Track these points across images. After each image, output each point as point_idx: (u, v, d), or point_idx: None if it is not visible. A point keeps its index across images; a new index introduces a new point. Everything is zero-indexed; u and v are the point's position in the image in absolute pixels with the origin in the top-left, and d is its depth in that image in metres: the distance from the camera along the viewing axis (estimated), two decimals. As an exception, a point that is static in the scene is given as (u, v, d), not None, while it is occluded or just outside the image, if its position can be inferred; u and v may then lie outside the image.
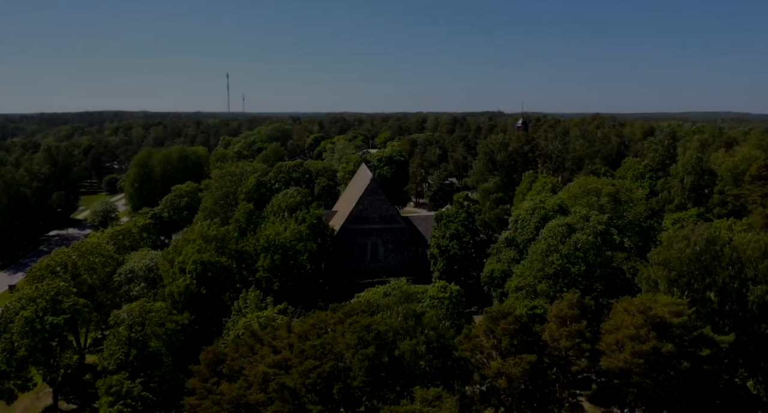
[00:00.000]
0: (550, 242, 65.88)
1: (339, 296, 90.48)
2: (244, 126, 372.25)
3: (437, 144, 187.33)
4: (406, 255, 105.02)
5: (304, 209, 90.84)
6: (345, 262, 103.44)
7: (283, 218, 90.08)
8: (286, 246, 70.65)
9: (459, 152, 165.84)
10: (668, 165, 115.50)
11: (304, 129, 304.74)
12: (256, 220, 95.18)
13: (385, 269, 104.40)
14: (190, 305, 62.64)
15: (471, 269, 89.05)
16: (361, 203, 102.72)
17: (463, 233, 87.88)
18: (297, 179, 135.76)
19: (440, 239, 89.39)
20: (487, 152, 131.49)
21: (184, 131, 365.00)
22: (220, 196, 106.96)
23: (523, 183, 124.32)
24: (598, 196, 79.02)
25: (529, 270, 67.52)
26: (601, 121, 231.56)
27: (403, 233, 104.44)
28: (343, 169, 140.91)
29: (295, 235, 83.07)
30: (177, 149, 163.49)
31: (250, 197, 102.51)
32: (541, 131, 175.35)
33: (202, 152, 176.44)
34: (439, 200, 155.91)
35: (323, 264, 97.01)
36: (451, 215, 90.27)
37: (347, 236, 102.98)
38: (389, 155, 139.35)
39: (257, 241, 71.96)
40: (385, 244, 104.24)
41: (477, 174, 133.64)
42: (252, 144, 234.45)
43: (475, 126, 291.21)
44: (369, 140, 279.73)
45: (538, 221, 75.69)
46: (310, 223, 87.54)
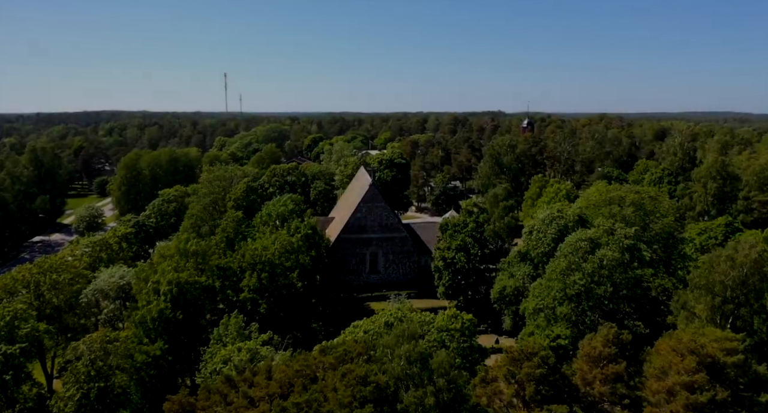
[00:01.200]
0: (572, 259, 58.33)
1: (335, 315, 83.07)
2: (242, 126, 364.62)
3: (439, 146, 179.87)
4: (407, 266, 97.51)
5: (297, 218, 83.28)
6: (342, 274, 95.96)
7: (275, 229, 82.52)
8: (273, 263, 63.02)
9: (463, 154, 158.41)
10: (687, 169, 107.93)
11: (302, 129, 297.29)
12: (245, 230, 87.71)
13: (385, 281, 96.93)
14: (164, 333, 55.07)
15: (479, 284, 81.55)
16: (359, 211, 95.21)
17: (471, 244, 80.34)
18: (292, 183, 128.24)
19: (445, 251, 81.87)
20: (494, 154, 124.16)
21: (180, 132, 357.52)
22: (207, 203, 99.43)
23: (532, 188, 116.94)
24: (621, 205, 71.42)
25: (548, 290, 59.99)
26: (608, 121, 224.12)
27: (405, 242, 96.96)
28: (341, 172, 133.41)
29: (286, 247, 75.57)
30: (167, 151, 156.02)
31: (240, 205, 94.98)
32: (548, 132, 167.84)
33: (193, 153, 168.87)
34: (441, 204, 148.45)
35: (318, 277, 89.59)
36: (457, 225, 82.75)
37: (344, 247, 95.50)
38: (389, 158, 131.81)
39: (242, 257, 64.32)
40: (386, 254, 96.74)
41: (483, 178, 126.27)
42: (248, 145, 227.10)
43: (477, 126, 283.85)
44: (369, 141, 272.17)
45: (555, 234, 68.17)
46: (304, 234, 79.99)
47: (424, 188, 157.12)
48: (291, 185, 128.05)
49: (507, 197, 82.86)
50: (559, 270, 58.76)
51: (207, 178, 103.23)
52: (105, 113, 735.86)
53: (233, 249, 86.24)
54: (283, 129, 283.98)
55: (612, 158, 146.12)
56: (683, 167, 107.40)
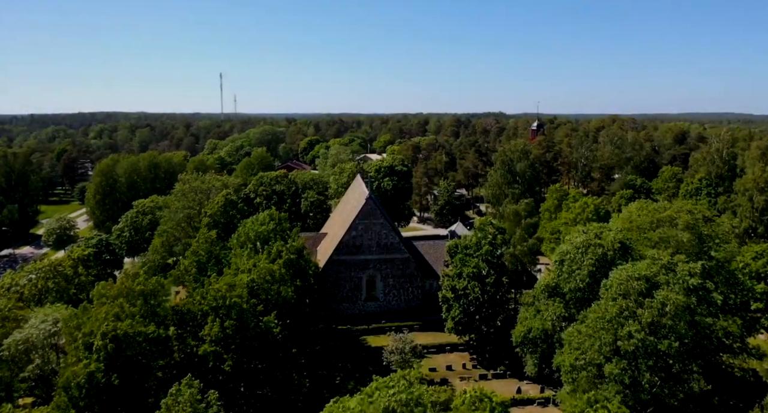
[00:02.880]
0: (623, 303, 45.46)
1: (326, 354, 70.18)
2: (237, 128, 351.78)
3: (443, 150, 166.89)
4: (410, 292, 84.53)
5: (279, 239, 70.36)
6: (335, 301, 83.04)
7: (253, 251, 69.62)
8: (241, 308, 49.98)
9: (469, 160, 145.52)
10: (727, 178, 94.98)
11: (298, 132, 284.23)
12: (221, 253, 74.83)
13: (384, 309, 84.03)
14: (95, 403, 42.19)
15: (495, 317, 68.72)
16: (354, 228, 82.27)
17: (487, 271, 67.42)
18: (281, 192, 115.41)
19: (455, 279, 68.94)
20: (505, 160, 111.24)
21: (172, 134, 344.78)
22: (182, 218, 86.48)
23: (549, 200, 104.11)
24: (672, 226, 58.52)
25: (591, 342, 47.12)
26: (621, 124, 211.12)
27: (408, 264, 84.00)
28: (336, 181, 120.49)
29: (265, 277, 62.73)
30: (146, 156, 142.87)
31: (216, 221, 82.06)
32: (561, 136, 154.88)
33: (177, 158, 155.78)
34: (446, 215, 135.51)
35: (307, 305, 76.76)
36: (469, 247, 69.81)
37: (337, 270, 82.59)
38: (389, 165, 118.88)
39: (202, 298, 51.29)
40: (385, 278, 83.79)
41: (494, 186, 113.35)
42: (239, 148, 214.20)
43: (481, 128, 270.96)
44: (368, 144, 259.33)
45: (593, 265, 55.24)
46: (287, 259, 67.06)
47: (426, 196, 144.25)
48: (279, 194, 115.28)
49: (530, 213, 69.73)
50: (607, 318, 45.88)
51: (181, 189, 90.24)
52: (100, 114, 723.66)
53: (207, 274, 73.59)
54: (277, 131, 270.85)
55: (632, 165, 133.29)
56: (721, 176, 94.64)
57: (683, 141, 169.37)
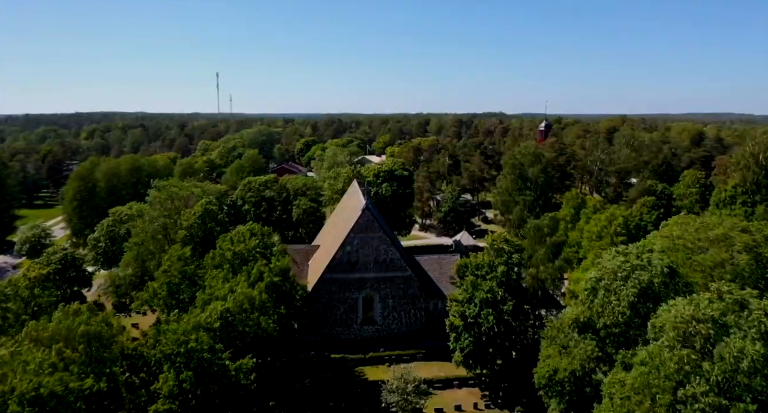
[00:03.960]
0: (685, 356, 35.87)
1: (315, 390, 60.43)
2: (233, 129, 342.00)
3: (446, 151, 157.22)
4: (413, 314, 74.96)
5: (261, 258, 60.79)
6: (327, 325, 73.54)
7: (230, 272, 60.05)
8: (202, 357, 40.35)
9: (475, 163, 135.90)
10: (764, 185, 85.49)
11: (295, 132, 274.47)
12: (196, 272, 65.21)
13: (383, 334, 74.53)
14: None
15: (512, 350, 59.27)
16: (349, 243, 72.72)
17: (502, 297, 57.88)
18: (270, 199, 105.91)
19: (466, 305, 59.39)
20: (516, 165, 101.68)
21: (166, 134, 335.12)
22: (157, 229, 76.84)
23: (564, 208, 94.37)
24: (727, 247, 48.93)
25: (640, 397, 37.54)
26: (631, 124, 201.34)
27: (409, 283, 74.46)
28: (330, 187, 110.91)
29: (242, 305, 53.29)
30: (128, 159, 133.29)
31: (193, 235, 72.46)
32: (572, 137, 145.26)
33: (162, 161, 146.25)
34: (450, 222, 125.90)
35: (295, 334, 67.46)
36: (481, 267, 60.28)
37: (330, 290, 73.07)
38: (389, 169, 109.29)
39: (156, 342, 41.64)
40: (384, 299, 74.23)
41: (503, 193, 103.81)
42: (232, 149, 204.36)
43: (484, 129, 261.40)
44: (366, 145, 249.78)
45: (636, 295, 45.66)
46: (269, 282, 57.55)
47: (429, 202, 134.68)
48: (269, 201, 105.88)
49: (552, 229, 60.07)
50: (663, 373, 36.28)
51: (156, 197, 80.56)
52: (97, 114, 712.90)
53: (179, 297, 64.11)
54: (273, 132, 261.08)
55: (650, 169, 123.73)
56: (757, 183, 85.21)
57: (700, 143, 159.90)
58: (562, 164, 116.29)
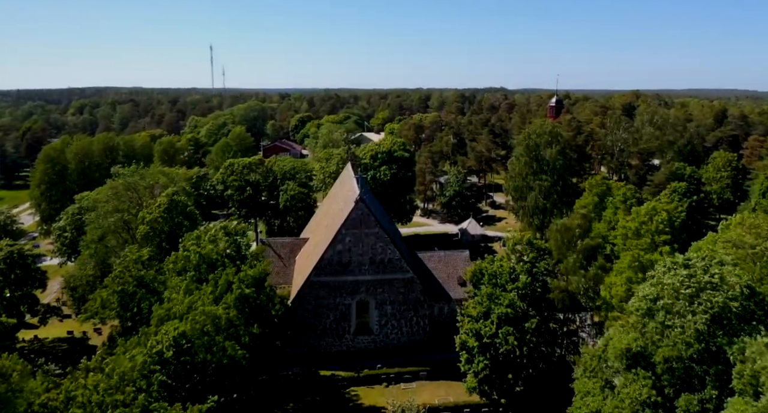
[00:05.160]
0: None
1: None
2: (227, 104, 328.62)
3: (450, 129, 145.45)
4: (414, 322, 64.36)
5: (231, 265, 49.93)
6: (314, 336, 62.99)
7: (195, 281, 49.21)
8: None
9: (482, 143, 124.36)
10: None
11: (289, 108, 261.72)
12: (157, 278, 54.39)
13: (380, 345, 64.06)
14: None
15: (537, 377, 48.72)
16: (339, 241, 61.77)
17: (524, 311, 47.21)
18: (255, 183, 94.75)
19: (480, 321, 48.67)
20: (531, 146, 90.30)
21: (157, 110, 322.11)
22: (114, 224, 65.86)
23: (587, 196, 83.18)
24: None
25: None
26: (645, 100, 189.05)
27: (411, 286, 63.71)
28: (322, 170, 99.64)
29: (203, 329, 42.67)
30: (101, 138, 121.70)
31: (157, 231, 61.51)
32: (588, 114, 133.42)
33: (140, 140, 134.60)
34: (455, 207, 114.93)
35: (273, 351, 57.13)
36: (499, 275, 49.45)
37: (318, 295, 62.37)
38: (388, 150, 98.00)
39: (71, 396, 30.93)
40: (381, 305, 63.56)
41: (516, 177, 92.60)
42: (222, 126, 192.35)
43: (488, 104, 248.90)
44: (364, 122, 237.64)
45: (705, 324, 34.97)
46: (240, 295, 46.77)
47: (431, 185, 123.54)
48: (254, 186, 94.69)
49: (585, 229, 49.01)
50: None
51: (113, 187, 69.33)
52: (90, 89, 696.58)
53: (134, 309, 53.47)
54: (265, 107, 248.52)
55: (674, 149, 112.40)
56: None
57: (722, 121, 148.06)
58: (580, 144, 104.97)
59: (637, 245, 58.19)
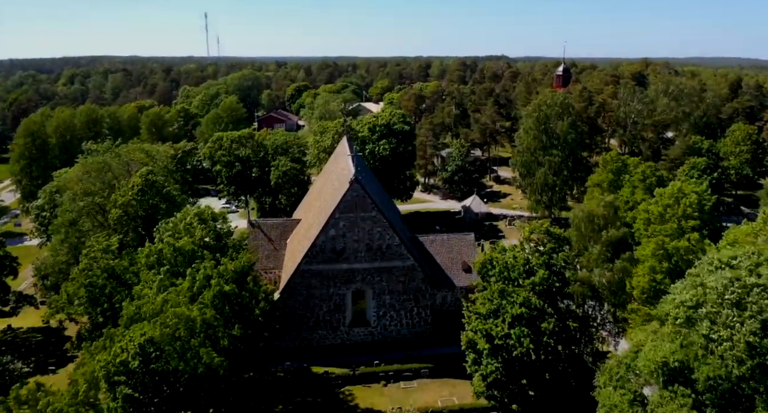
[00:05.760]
0: None
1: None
2: (222, 73, 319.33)
3: (452, 99, 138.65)
4: (416, 313, 59.11)
5: (210, 257, 44.28)
6: (306, 328, 57.81)
7: (167, 278, 43.65)
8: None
9: (487, 114, 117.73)
10: None
11: (285, 77, 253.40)
12: (130, 269, 48.88)
13: (378, 338, 58.97)
14: None
15: (554, 383, 43.52)
16: (333, 226, 56.09)
17: (540, 309, 41.81)
18: (245, 158, 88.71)
19: (491, 320, 43.26)
20: (540, 118, 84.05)
21: (150, 79, 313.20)
22: (87, 206, 60.04)
23: (601, 172, 77.55)
24: None
25: None
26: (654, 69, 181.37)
27: (412, 274, 58.28)
28: (316, 144, 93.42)
29: (174, 334, 37.42)
30: (84, 110, 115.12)
31: (132, 215, 55.78)
32: (598, 84, 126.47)
33: (127, 111, 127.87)
34: (458, 183, 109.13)
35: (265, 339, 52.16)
36: (512, 268, 43.87)
37: (310, 284, 56.96)
38: (386, 123, 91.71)
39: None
40: (379, 295, 58.22)
41: (524, 152, 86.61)
42: (215, 96, 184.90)
43: (490, 73, 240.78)
44: (363, 92, 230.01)
45: (755, 335, 29.63)
46: (219, 292, 41.30)
47: (433, 159, 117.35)
48: (244, 161, 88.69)
49: (612, 215, 43.00)
50: None
51: (84, 167, 63.26)
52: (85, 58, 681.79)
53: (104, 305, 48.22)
54: (260, 76, 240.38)
55: (690, 122, 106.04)
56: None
57: (737, 92, 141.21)
58: (592, 116, 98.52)
59: (662, 230, 52.68)
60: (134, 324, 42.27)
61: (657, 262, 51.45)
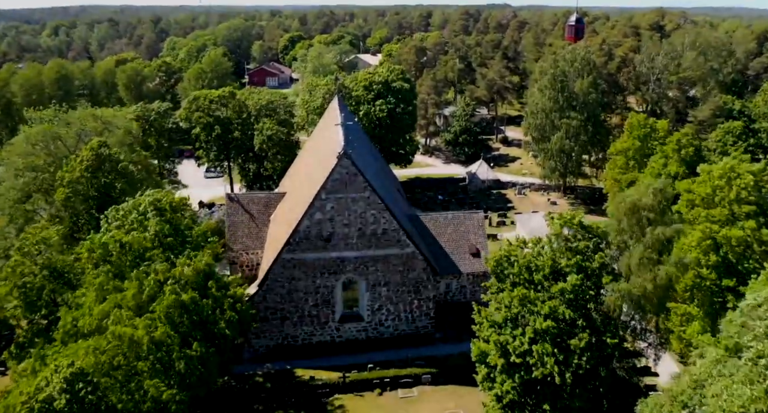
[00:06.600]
0: None
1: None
2: (213, 23, 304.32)
3: (456, 52, 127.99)
4: (416, 306, 51.36)
5: (161, 258, 36.06)
6: (289, 324, 50.12)
7: (110, 281, 35.54)
8: None
9: (494, 69, 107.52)
10: None
11: (278, 27, 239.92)
12: (73, 266, 40.76)
13: (373, 335, 51.41)
14: None
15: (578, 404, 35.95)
16: (319, 208, 47.67)
17: (570, 322, 33.95)
18: (225, 121, 79.54)
19: (508, 331, 35.43)
20: (557, 75, 74.61)
21: (138, 30, 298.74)
22: (31, 185, 51.49)
23: (626, 139, 68.97)
24: None
25: None
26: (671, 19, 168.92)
27: (412, 263, 50.21)
28: (305, 105, 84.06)
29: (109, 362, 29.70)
30: (53, 66, 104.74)
31: (82, 195, 47.31)
32: (616, 35, 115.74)
33: (103, 67, 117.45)
34: (462, 145, 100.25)
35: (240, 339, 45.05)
36: (535, 269, 35.76)
37: (293, 276, 48.94)
38: (384, 80, 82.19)
39: None
40: (373, 287, 50.30)
41: (538, 114, 77.49)
42: (202, 49, 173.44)
43: (495, 23, 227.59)
44: (360, 42, 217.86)
45: None
46: (174, 303, 33.27)
47: (435, 118, 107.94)
48: (224, 124, 79.58)
49: (664, 206, 34.29)
50: None
51: (27, 138, 54.17)
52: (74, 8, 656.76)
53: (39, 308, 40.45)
54: (251, 26, 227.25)
55: (717, 80, 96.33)
56: None
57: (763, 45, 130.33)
58: (612, 73, 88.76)
59: (709, 216, 44.42)
60: (72, 339, 34.65)
61: (702, 254, 43.45)
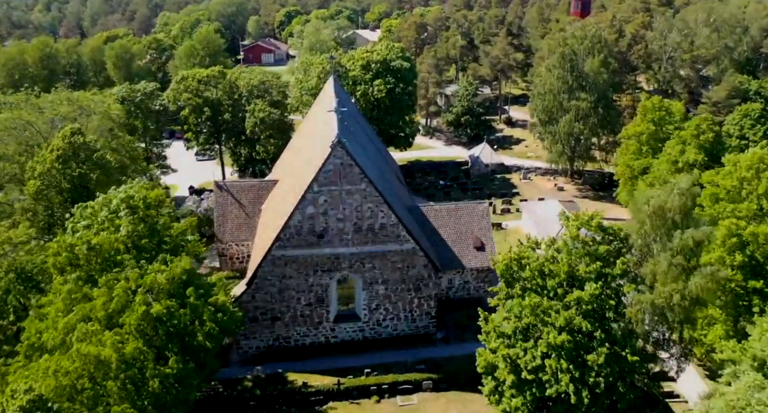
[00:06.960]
0: None
1: None
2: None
3: (458, 28, 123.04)
4: (417, 306, 48.01)
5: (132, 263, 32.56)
6: (281, 324, 46.86)
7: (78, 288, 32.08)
8: None
9: (499, 46, 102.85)
10: None
11: (274, 1, 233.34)
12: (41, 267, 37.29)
13: (370, 336, 48.24)
14: None
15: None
16: (311, 202, 43.98)
17: (588, 335, 30.58)
18: (215, 102, 75.47)
19: (519, 343, 32.10)
20: (566, 55, 70.39)
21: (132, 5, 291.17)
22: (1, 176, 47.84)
23: (640, 123, 65.08)
24: None
25: None
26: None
27: (412, 259, 46.68)
28: (299, 84, 79.84)
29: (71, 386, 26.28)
30: (37, 44, 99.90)
31: (55, 187, 43.70)
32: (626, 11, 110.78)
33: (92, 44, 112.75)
34: (464, 126, 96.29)
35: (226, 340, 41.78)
36: (550, 275, 32.27)
37: (284, 274, 45.50)
38: (383, 59, 77.89)
39: None
40: (370, 285, 46.88)
41: (546, 95, 73.40)
42: (196, 24, 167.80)
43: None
44: (359, 17, 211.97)
45: None
46: (144, 315, 29.80)
47: (436, 98, 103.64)
48: (213, 106, 75.57)
49: (687, 209, 30.73)
50: None
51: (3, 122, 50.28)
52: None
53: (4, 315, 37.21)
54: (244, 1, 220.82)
55: (732, 59, 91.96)
56: None
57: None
58: (623, 51, 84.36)
59: (735, 211, 40.85)
60: (37, 353, 31.38)
61: (727, 253, 39.96)
